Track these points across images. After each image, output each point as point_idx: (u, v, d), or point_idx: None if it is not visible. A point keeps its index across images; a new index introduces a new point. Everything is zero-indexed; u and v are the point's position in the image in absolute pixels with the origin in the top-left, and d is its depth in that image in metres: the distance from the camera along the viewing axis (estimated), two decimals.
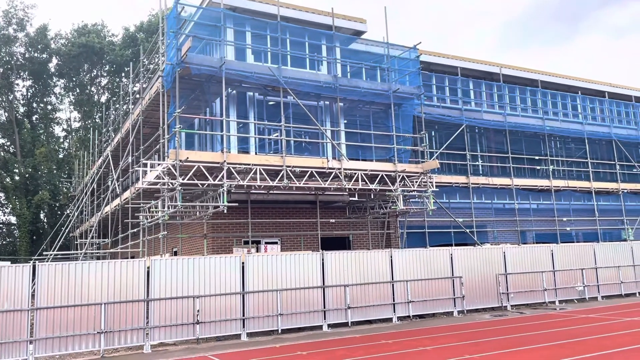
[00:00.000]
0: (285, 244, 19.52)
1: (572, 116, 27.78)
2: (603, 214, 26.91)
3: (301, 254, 16.00)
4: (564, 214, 25.86)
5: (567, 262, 21.20)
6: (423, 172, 18.97)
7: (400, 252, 17.76)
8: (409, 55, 20.70)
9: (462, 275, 18.48)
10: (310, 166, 16.78)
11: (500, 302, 19.22)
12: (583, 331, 13.70)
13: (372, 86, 19.10)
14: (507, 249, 20.15)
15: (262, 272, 15.18)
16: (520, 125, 25.29)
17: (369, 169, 17.89)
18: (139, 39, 47.54)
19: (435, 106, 23.49)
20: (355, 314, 16.36)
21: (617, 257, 22.58)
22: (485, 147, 25.92)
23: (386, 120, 20.18)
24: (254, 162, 15.91)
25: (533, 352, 11.11)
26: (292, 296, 15.48)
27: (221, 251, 18.16)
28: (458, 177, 23.36)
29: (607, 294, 21.85)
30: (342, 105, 19.20)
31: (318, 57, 19.25)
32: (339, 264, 16.38)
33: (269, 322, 15.08)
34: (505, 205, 24.84)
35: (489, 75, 26.39)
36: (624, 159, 28.36)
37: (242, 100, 17.98)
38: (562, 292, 20.77)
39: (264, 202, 18.89)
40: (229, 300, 14.61)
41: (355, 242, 21.48)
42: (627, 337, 12.56)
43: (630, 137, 28.72)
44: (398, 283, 17.25)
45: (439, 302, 17.96)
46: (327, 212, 20.56)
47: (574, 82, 29.15)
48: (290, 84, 17.01)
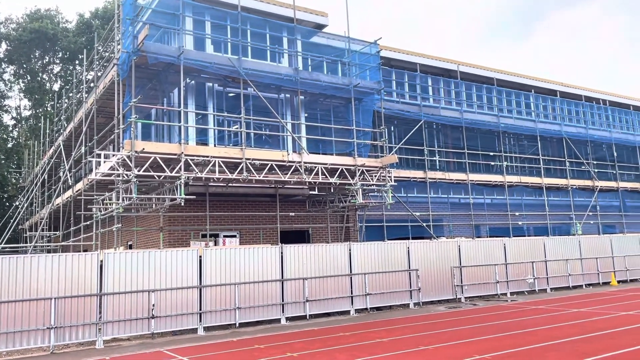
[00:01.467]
0: (244, 238, 19.37)
1: (526, 114, 28.68)
2: (553, 209, 27.95)
3: (260, 248, 15.91)
4: (517, 208, 26.72)
5: (519, 255, 21.91)
6: (382, 167, 19.18)
7: (359, 246, 17.93)
8: (369, 50, 20.84)
9: (418, 268, 18.82)
10: (271, 159, 16.69)
11: (455, 294, 19.70)
12: (533, 322, 14.20)
13: (333, 80, 19.13)
14: (462, 242, 20.64)
15: (220, 266, 15.02)
16: (476, 122, 25.90)
17: (329, 163, 17.95)
18: (94, 25, 46.02)
19: (394, 101, 23.77)
20: (314, 307, 16.42)
21: (566, 250, 23.51)
22: (443, 143, 26.44)
23: (346, 115, 20.28)
24: (212, 154, 15.68)
25: (485, 343, 11.44)
26: (250, 290, 15.39)
27: (178, 245, 17.84)
28: (416, 171, 23.75)
29: (555, 286, 22.73)
30: (303, 99, 19.16)
31: (279, 50, 19.12)
32: (298, 257, 16.39)
33: (227, 316, 14.95)
34: (460, 200, 25.43)
35: (447, 73, 26.89)
36: (573, 156, 29.50)
37: (201, 91, 17.67)
38: (513, 284, 21.47)
39: (223, 195, 18.66)
40: (185, 295, 14.39)
41: (315, 236, 21.53)
42: (574, 327, 13.10)
43: (579, 135, 29.90)
44: (356, 276, 17.41)
45: (396, 295, 18.25)
46: (286, 205, 20.52)
47: (527, 80, 30.08)
48: (251, 75, 16.83)
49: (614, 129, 32.07)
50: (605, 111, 32.37)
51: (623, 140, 32.16)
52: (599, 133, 31.07)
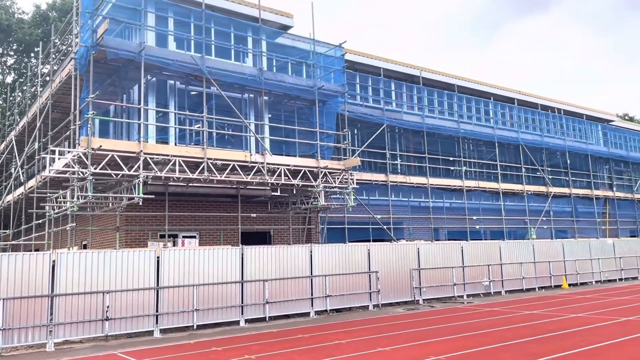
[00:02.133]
0: (204, 238, 19.10)
1: (485, 120, 29.40)
2: (509, 213, 28.75)
3: (220, 249, 15.73)
4: (474, 212, 27.34)
5: (476, 259, 22.44)
6: (345, 169, 19.28)
7: (320, 247, 17.96)
8: (334, 53, 20.93)
9: (378, 270, 19.01)
10: (233, 159, 16.52)
11: (413, 296, 19.99)
12: (488, 323, 14.55)
13: (298, 82, 19.13)
14: (421, 245, 20.98)
15: (178, 267, 14.76)
16: (437, 127, 26.39)
17: (292, 164, 17.92)
18: (51, 17, 44.48)
19: (358, 105, 23.95)
20: (274, 308, 16.35)
21: (520, 254, 24.23)
22: (404, 147, 26.81)
23: (310, 117, 20.30)
24: (173, 153, 15.40)
25: (441, 344, 11.65)
26: (209, 291, 15.18)
27: (135, 245, 17.44)
28: (378, 175, 23.99)
29: (510, 288, 23.37)
30: (267, 99, 19.08)
31: (243, 49, 18.97)
32: (258, 259, 16.28)
33: (184, 318, 14.70)
34: (420, 203, 25.83)
35: (410, 78, 27.30)
36: (529, 162, 30.41)
37: (162, 89, 17.35)
38: (470, 287, 21.96)
39: (183, 195, 18.36)
40: (142, 296, 14.07)
41: (276, 237, 21.45)
42: (526, 329, 13.50)
43: (535, 142, 30.86)
44: (317, 278, 17.43)
45: (356, 297, 18.36)
46: (248, 206, 20.36)
47: (487, 88, 30.87)
48: (214, 74, 16.64)
49: (567, 137, 33.25)
50: (560, 120, 33.54)
51: (576, 148, 33.39)
52: (554, 141, 32.16)
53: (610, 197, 35.39)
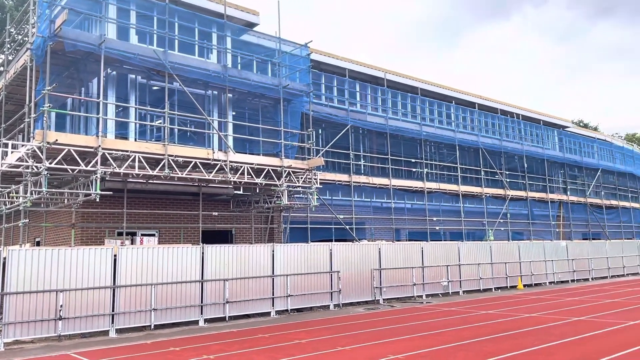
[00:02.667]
0: (163, 237, 18.75)
1: (446, 124, 29.96)
2: (468, 215, 29.39)
3: (180, 248, 15.48)
4: (435, 214, 27.83)
5: (435, 259, 22.84)
6: (308, 169, 19.29)
7: (283, 247, 17.91)
8: (300, 52, 20.91)
9: (340, 270, 19.10)
10: (195, 157, 16.28)
11: (374, 295, 20.18)
12: (445, 323, 14.83)
13: (263, 80, 19.01)
14: (383, 245, 21.20)
15: (136, 266, 14.44)
16: (400, 129, 26.72)
17: (256, 163, 17.80)
18: (6, 6, 42.75)
19: (323, 105, 23.99)
20: (234, 308, 16.20)
21: (478, 255, 24.80)
22: (368, 148, 27.05)
23: (275, 115, 20.20)
24: (132, 148, 15.06)
25: (400, 343, 11.80)
26: (168, 290, 14.92)
27: (92, 243, 16.97)
28: (341, 175, 24.11)
29: (468, 289, 23.90)
30: (231, 97, 18.88)
31: (208, 45, 18.71)
32: (219, 258, 16.10)
33: (142, 317, 14.40)
34: (383, 204, 26.11)
35: (375, 79, 27.55)
36: (488, 166, 31.18)
37: (123, 83, 16.93)
38: (429, 287, 22.34)
39: (142, 192, 17.97)
40: (97, 295, 13.70)
41: (238, 237, 21.26)
42: (482, 328, 13.83)
43: (494, 146, 31.66)
44: (279, 277, 17.38)
45: (317, 296, 18.40)
46: (210, 204, 20.10)
47: (449, 92, 31.46)
48: (177, 69, 16.35)
49: (525, 142, 34.25)
50: (518, 125, 34.52)
51: (533, 153, 34.43)
52: (512, 145, 33.08)
53: (564, 201, 36.67)
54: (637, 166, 45.69)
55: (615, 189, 42.51)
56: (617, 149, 44.38)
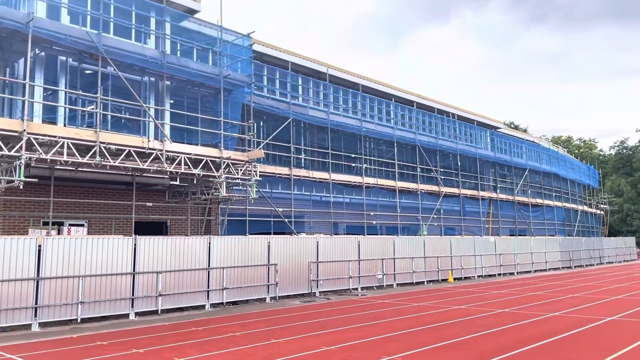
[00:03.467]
0: (93, 227, 18.00)
1: (385, 120, 30.57)
2: (404, 210, 30.18)
3: (110, 239, 14.92)
4: (372, 208, 28.37)
5: (371, 252, 23.29)
6: (248, 161, 19.08)
7: (219, 239, 17.67)
8: (242, 42, 20.61)
9: (277, 262, 19.09)
10: (129, 145, 15.69)
11: (311, 288, 20.33)
12: (379, 315, 15.18)
13: (203, 68, 18.59)
14: (321, 238, 21.38)
15: (62, 257, 13.78)
16: (341, 124, 26.99)
17: (193, 153, 17.40)
18: None
19: (265, 97, 23.81)
20: (167, 301, 15.83)
21: (412, 249, 25.52)
22: (309, 142, 27.12)
23: (215, 105, 19.83)
24: (61, 134, 14.30)
25: (334, 335, 11.96)
26: (97, 283, 14.35)
27: (14, 232, 16.05)
28: (281, 168, 24.05)
29: (401, 281, 24.56)
30: (169, 84, 18.34)
31: (145, 30, 18.07)
32: (153, 250, 15.65)
33: (68, 310, 13.78)
34: (322, 198, 26.32)
35: (317, 74, 27.63)
36: (424, 163, 32.11)
37: (52, 65, 16.04)
38: (365, 280, 22.77)
39: (71, 180, 17.15)
40: (18, 287, 12.97)
41: (174, 228, 20.77)
42: (414, 320, 14.26)
43: (430, 144, 32.64)
44: (215, 270, 17.13)
45: (253, 289, 18.31)
46: (144, 195, 19.49)
47: (389, 90, 32.09)
48: (112, 53, 15.68)
49: (459, 141, 35.55)
50: (454, 124, 35.77)
51: (466, 152, 35.79)
52: (447, 143, 34.24)
53: (494, 198, 38.39)
54: (561, 167, 48.56)
55: (541, 188, 44.97)
56: (544, 151, 46.97)
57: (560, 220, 47.31)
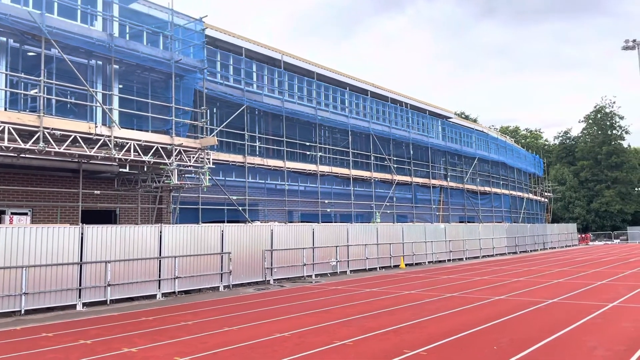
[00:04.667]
0: (37, 216, 17.31)
1: (340, 109, 30.74)
2: (358, 198, 30.54)
3: (55, 227, 14.39)
4: (327, 196, 28.57)
5: (325, 240, 23.49)
6: (201, 148, 18.78)
7: (171, 228, 17.36)
8: (194, 26, 20.16)
9: (231, 251, 18.96)
10: (75, 130, 15.13)
11: (265, 276, 20.33)
12: (332, 301, 15.36)
13: (153, 52, 18.09)
14: (275, 226, 21.37)
15: (4, 246, 13.20)
16: (295, 112, 26.93)
17: (143, 140, 16.96)
18: None
19: (218, 83, 23.45)
20: (116, 291, 15.46)
21: (365, 236, 25.90)
22: (263, 130, 26.95)
23: (166, 91, 19.36)
24: (2, 119, 13.63)
25: (288, 322, 12.02)
26: (42, 273, 13.84)
27: None
28: (235, 155, 23.81)
29: (355, 268, 24.91)
30: (118, 68, 17.76)
31: (92, 11, 17.38)
32: (101, 239, 15.22)
33: (10, 302, 13.25)
34: (277, 186, 26.27)
35: (272, 61, 27.42)
36: (378, 151, 32.54)
37: None
38: (319, 267, 22.96)
39: (13, 167, 16.40)
40: None
41: (123, 217, 20.24)
42: (366, 305, 14.51)
43: (384, 132, 33.08)
44: (166, 259, 16.85)
45: (207, 278, 18.14)
46: (91, 182, 18.88)
47: (344, 78, 32.25)
48: (56, 35, 15.02)
49: (412, 130, 36.20)
50: (407, 113, 36.36)
51: (419, 141, 36.50)
52: (400, 132, 34.79)
53: (444, 186, 39.40)
54: (509, 156, 50.32)
55: (489, 176, 46.49)
56: (492, 140, 48.50)
57: (507, 208, 49.13)
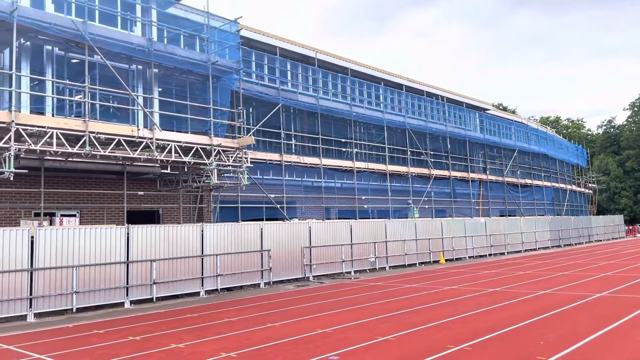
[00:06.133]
0: (85, 217, 17.97)
1: (375, 105, 30.60)
2: (395, 194, 30.36)
3: (103, 228, 14.92)
4: (363, 192, 28.52)
5: (363, 236, 23.48)
6: (239, 148, 19.07)
7: (212, 227, 17.72)
8: (229, 28, 20.44)
9: (271, 248, 19.21)
10: (118, 134, 15.62)
11: (304, 273, 20.50)
12: (372, 297, 15.38)
13: (190, 55, 18.46)
14: (313, 223, 21.51)
15: (56, 247, 13.79)
16: (330, 109, 26.98)
17: (184, 141, 17.35)
18: None
19: (253, 83, 23.71)
20: (162, 289, 15.91)
21: (404, 232, 25.75)
22: (299, 127, 27.11)
23: (203, 92, 19.72)
24: (50, 124, 14.21)
25: (329, 318, 12.12)
26: (91, 272, 14.39)
27: (6, 224, 15.98)
28: (272, 154, 24.06)
29: (394, 264, 24.82)
30: (157, 72, 18.22)
31: (132, 17, 17.87)
32: (146, 238, 15.69)
33: (63, 300, 13.84)
34: (313, 183, 26.40)
35: (306, 59, 27.53)
36: (414, 146, 32.24)
37: (39, 54, 15.86)
38: (357, 263, 22.99)
39: (62, 171, 17.08)
40: (12, 279, 12.98)
41: (166, 216, 20.77)
42: (406, 301, 14.47)
43: (419, 127, 32.74)
44: (208, 257, 17.22)
45: (248, 275, 18.44)
46: (135, 184, 19.45)
47: (378, 73, 32.06)
48: (98, 41, 15.52)
49: (449, 123, 35.69)
50: (443, 107, 35.86)
51: (456, 134, 35.96)
52: (437, 126, 34.36)
53: (483, 180, 38.71)
54: (550, 147, 48.98)
55: (530, 168, 45.38)
56: (533, 131, 47.28)
57: (550, 200, 47.86)
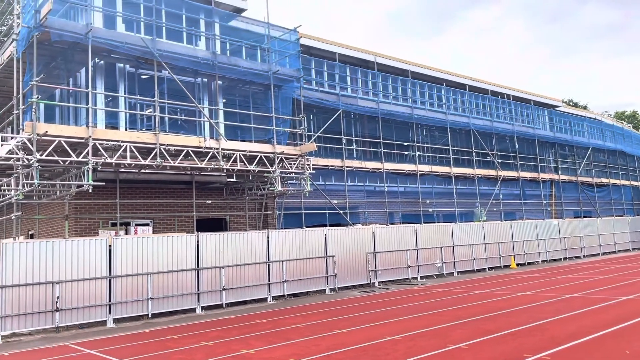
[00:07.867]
0: (157, 226, 18.73)
1: (437, 106, 29.95)
2: (461, 197, 29.55)
3: (175, 236, 15.47)
4: (427, 196, 27.96)
5: (429, 241, 23.00)
6: (301, 155, 19.26)
7: (277, 233, 17.96)
8: (289, 37, 20.75)
9: (335, 254, 19.20)
10: (186, 145, 16.20)
11: (369, 279, 20.33)
12: (441, 303, 15.00)
13: (252, 66, 18.87)
14: (377, 229, 21.31)
15: (131, 255, 14.44)
16: (391, 112, 26.69)
17: (248, 150, 17.74)
18: None
19: (314, 90, 23.89)
20: (231, 295, 16.28)
21: (471, 236, 24.99)
22: (360, 132, 27.03)
23: (266, 102, 20.10)
24: (123, 138, 14.95)
25: (397, 324, 11.92)
26: (164, 279, 14.95)
27: (85, 234, 16.92)
28: (334, 160, 24.11)
29: (462, 269, 24.12)
30: (221, 84, 18.74)
31: (196, 32, 18.52)
32: (214, 245, 16.12)
33: (139, 306, 14.44)
34: (376, 188, 26.18)
35: (365, 63, 27.44)
36: (479, 147, 31.28)
37: (111, 72, 16.74)
38: (423, 269, 22.53)
39: (135, 182, 17.90)
40: (93, 286, 13.71)
41: (232, 224, 21.28)
42: (478, 307, 13.99)
43: (485, 127, 31.73)
44: (274, 263, 17.45)
45: (313, 281, 18.51)
46: (203, 192, 20.07)
47: (439, 74, 31.41)
48: (165, 57, 16.19)
49: (516, 122, 34.36)
50: (509, 105, 34.58)
51: (524, 133, 34.56)
52: (503, 126, 33.16)
53: (555, 180, 36.94)
54: (627, 144, 46.04)
55: (605, 166, 42.85)
56: (607, 127, 44.65)
57: (629, 200, 44.92)
